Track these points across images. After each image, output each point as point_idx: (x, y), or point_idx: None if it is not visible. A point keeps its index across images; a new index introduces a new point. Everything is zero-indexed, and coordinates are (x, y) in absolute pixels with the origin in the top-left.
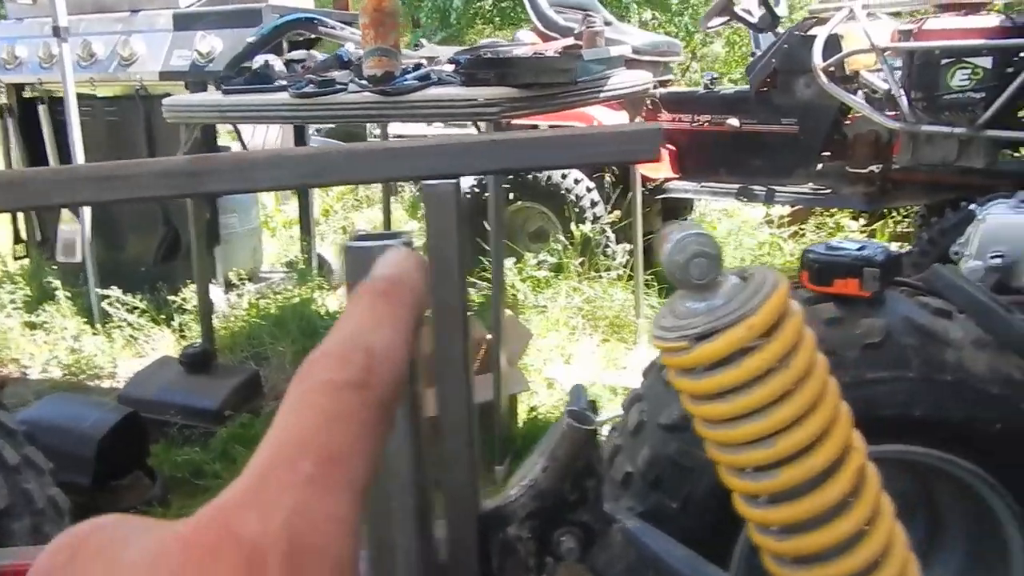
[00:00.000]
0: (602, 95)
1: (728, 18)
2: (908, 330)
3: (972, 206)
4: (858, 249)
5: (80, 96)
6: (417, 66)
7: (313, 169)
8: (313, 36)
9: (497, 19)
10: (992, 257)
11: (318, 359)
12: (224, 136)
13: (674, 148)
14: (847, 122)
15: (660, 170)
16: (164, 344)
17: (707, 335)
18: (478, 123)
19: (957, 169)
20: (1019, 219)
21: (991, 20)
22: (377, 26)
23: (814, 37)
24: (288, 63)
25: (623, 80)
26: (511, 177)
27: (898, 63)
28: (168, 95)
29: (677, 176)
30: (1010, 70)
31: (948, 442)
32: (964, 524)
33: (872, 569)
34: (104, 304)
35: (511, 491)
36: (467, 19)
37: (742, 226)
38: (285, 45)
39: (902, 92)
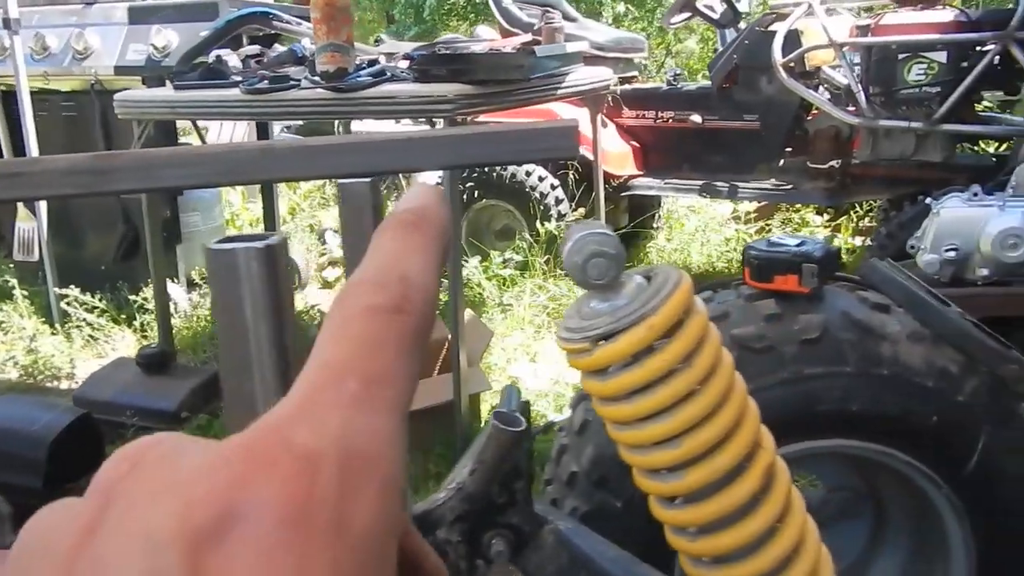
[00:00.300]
0: (559, 92)
1: (690, 14)
2: (846, 325)
3: (928, 200)
4: (797, 245)
5: (37, 90)
6: (372, 62)
7: (224, 167)
8: (272, 31)
9: (472, 15)
10: (946, 250)
11: (355, 286)
12: (193, 134)
13: (638, 145)
14: (808, 118)
15: (625, 167)
16: (125, 345)
17: (608, 336)
18: (433, 120)
19: (915, 163)
20: (972, 212)
21: (946, 15)
22: (329, 21)
23: (774, 33)
24: (244, 58)
25: (582, 76)
26: (475, 175)
27: (857, 58)
28: (126, 90)
29: (641, 173)
30: (965, 64)
31: (886, 436)
32: (907, 518)
33: (784, 565)
34: (63, 304)
35: (439, 494)
36: (441, 15)
37: (709, 222)
38: (245, 40)
39: (860, 87)
